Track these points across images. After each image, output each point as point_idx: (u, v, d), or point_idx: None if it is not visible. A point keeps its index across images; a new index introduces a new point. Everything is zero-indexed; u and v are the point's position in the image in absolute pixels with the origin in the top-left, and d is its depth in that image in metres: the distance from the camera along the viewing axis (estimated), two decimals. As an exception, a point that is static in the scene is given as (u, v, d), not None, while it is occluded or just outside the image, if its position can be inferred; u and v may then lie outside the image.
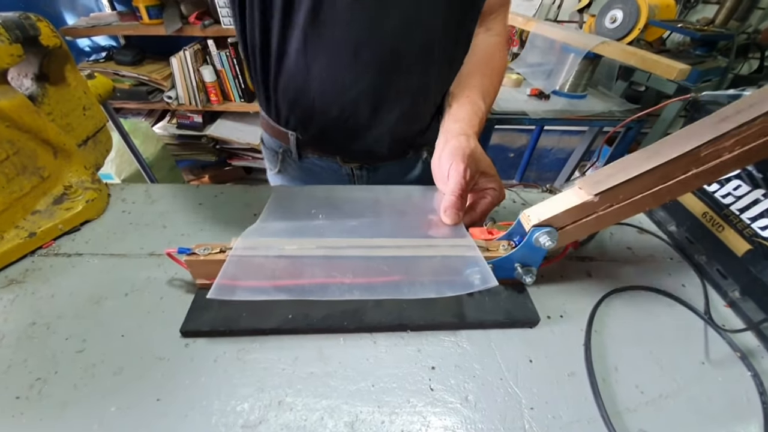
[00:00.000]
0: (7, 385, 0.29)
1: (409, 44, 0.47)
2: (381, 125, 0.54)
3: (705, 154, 0.29)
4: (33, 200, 0.43)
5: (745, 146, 0.28)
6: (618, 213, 0.33)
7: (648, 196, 0.31)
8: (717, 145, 0.28)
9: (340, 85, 0.49)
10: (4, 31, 0.38)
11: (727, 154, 0.29)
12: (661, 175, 0.30)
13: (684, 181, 0.30)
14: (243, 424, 0.27)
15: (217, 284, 0.30)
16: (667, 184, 0.31)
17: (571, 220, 0.33)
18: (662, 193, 0.31)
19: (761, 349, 0.35)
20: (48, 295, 0.36)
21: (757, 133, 0.28)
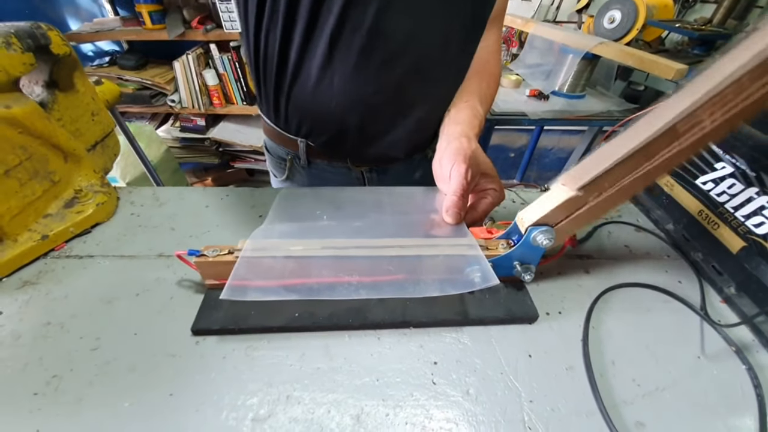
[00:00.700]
0: (25, 382, 0.30)
1: (432, 54, 0.48)
2: (398, 131, 0.55)
3: (684, 129, 0.28)
4: (45, 204, 0.44)
5: (726, 112, 0.26)
6: (609, 200, 0.32)
7: (636, 179, 0.31)
8: (694, 118, 0.27)
9: (363, 92, 0.49)
10: (17, 41, 0.39)
11: (708, 124, 0.27)
12: (643, 156, 0.29)
13: (669, 158, 0.29)
14: (253, 417, 0.28)
15: (230, 285, 0.31)
16: (651, 163, 0.30)
17: (563, 216, 0.34)
18: (650, 173, 0.30)
19: (756, 343, 0.36)
20: (61, 295, 0.37)
21: (733, 97, 0.26)
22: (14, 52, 0.38)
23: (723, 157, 0.42)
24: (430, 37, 0.47)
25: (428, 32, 0.46)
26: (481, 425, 0.29)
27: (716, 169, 0.42)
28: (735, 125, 0.27)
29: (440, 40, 0.48)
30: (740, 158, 0.39)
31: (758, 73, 0.24)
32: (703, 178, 0.44)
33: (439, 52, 0.49)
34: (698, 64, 1.12)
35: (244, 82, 1.69)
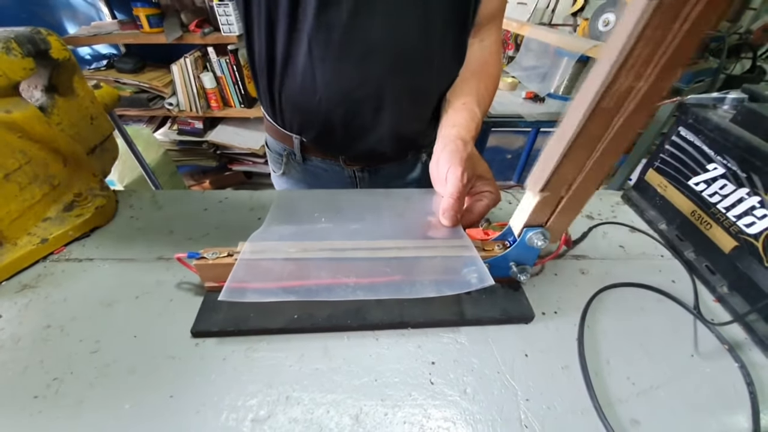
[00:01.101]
0: (25, 385, 0.30)
1: (410, 48, 0.49)
2: (383, 125, 0.55)
3: (618, 98, 0.26)
4: (44, 208, 0.44)
5: (655, 65, 0.24)
6: (584, 188, 0.31)
7: (599, 160, 0.29)
8: (622, 84, 0.25)
9: (345, 87, 0.51)
10: (17, 46, 0.39)
11: (644, 84, 0.25)
12: (590, 139, 0.28)
13: (620, 131, 0.27)
14: (253, 418, 0.29)
15: (228, 287, 0.31)
16: (603, 143, 0.28)
17: (546, 216, 0.34)
18: (609, 150, 0.28)
19: (748, 341, 0.37)
20: (61, 299, 0.37)
21: (651, 48, 0.23)
22: (14, 57, 0.39)
23: (715, 159, 0.42)
24: (407, 32, 0.48)
25: (404, 27, 0.47)
26: (479, 424, 0.29)
27: (708, 171, 0.43)
28: (673, 73, 0.24)
29: (418, 35, 0.48)
30: (731, 159, 0.40)
31: (666, 15, 0.22)
32: (695, 179, 0.45)
33: (417, 46, 0.49)
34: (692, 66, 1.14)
35: (242, 85, 1.70)
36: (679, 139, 0.47)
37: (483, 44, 0.56)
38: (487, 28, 0.55)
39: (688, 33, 0.22)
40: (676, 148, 0.48)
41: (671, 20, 0.22)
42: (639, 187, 0.55)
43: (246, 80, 1.68)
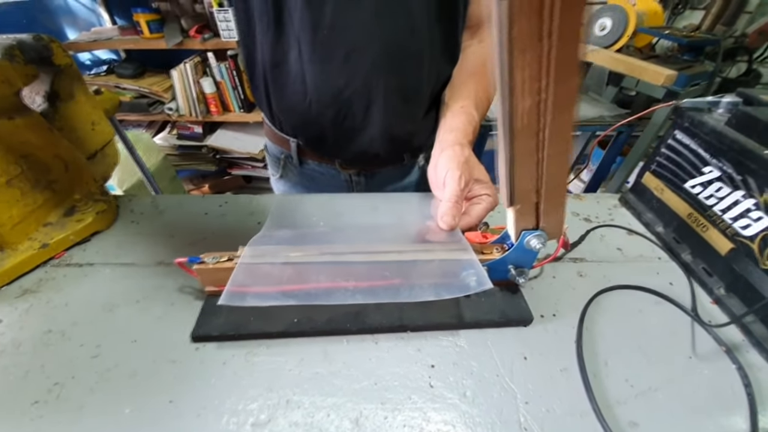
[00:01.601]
0: (26, 389, 0.30)
1: (395, 45, 0.49)
2: (374, 125, 0.56)
3: (527, 119, 0.26)
4: (45, 212, 0.44)
5: (546, 79, 0.24)
6: (552, 189, 0.31)
7: (549, 165, 0.29)
8: (520, 109, 0.25)
9: (334, 88, 0.51)
10: (19, 53, 0.40)
11: (547, 95, 0.24)
12: (526, 153, 0.28)
13: (553, 135, 0.27)
14: (253, 422, 0.29)
15: (228, 291, 0.31)
16: (542, 150, 0.28)
17: (533, 221, 0.34)
18: (554, 153, 0.28)
19: (745, 343, 0.37)
20: (62, 303, 0.38)
21: (535, 73, 0.23)
22: (17, 64, 0.39)
23: (710, 162, 0.43)
24: (392, 30, 0.48)
25: (389, 25, 0.47)
26: (478, 427, 0.29)
27: (704, 173, 0.43)
28: (572, 73, 0.24)
29: (403, 33, 0.49)
30: (727, 162, 0.41)
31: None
32: (691, 182, 0.45)
33: (404, 45, 0.49)
34: (687, 70, 1.15)
35: (242, 90, 1.70)
36: (675, 143, 0.48)
37: (482, 45, 0.56)
38: (485, 28, 0.56)
39: (562, 40, 0.22)
40: (673, 152, 0.48)
41: (535, 42, 0.22)
42: (636, 190, 0.55)
43: (245, 85, 1.69)
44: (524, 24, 0.22)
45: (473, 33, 0.56)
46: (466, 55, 0.57)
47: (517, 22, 0.22)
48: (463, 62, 0.56)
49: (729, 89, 0.52)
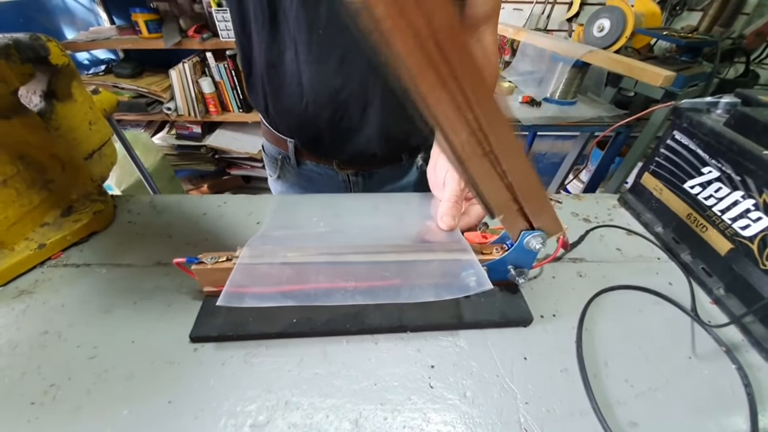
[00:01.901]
0: (22, 391, 0.30)
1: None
2: (370, 126, 0.56)
3: (469, 148, 0.27)
4: (42, 213, 0.44)
5: (472, 117, 0.24)
6: (528, 192, 0.31)
7: (511, 175, 0.29)
8: (458, 143, 0.26)
9: (331, 88, 0.51)
10: (16, 52, 0.39)
11: (477, 121, 0.25)
12: (484, 172, 0.29)
13: (501, 151, 0.27)
14: (252, 424, 0.29)
15: (226, 292, 0.31)
16: (498, 165, 0.28)
17: (525, 224, 0.34)
18: (512, 167, 0.29)
19: (745, 343, 0.37)
20: (58, 304, 0.37)
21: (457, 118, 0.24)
22: (14, 63, 0.39)
23: (709, 162, 0.43)
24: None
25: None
26: (478, 428, 0.29)
27: (703, 174, 0.43)
28: (486, 98, 0.24)
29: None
30: (726, 163, 0.41)
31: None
32: (690, 183, 0.45)
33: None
34: (686, 71, 1.15)
35: (240, 90, 1.70)
36: (674, 143, 0.48)
37: (479, 45, 0.57)
38: (482, 29, 0.56)
39: (464, 79, 0.23)
40: (671, 152, 0.48)
41: (441, 89, 0.23)
42: (635, 191, 0.56)
43: (244, 85, 1.68)
44: (426, 79, 0.23)
45: (471, 33, 0.56)
46: None
47: (419, 80, 0.23)
48: None
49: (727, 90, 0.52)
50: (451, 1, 0.20)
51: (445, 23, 0.20)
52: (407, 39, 0.21)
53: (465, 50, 0.22)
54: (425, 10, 0.20)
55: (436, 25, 0.20)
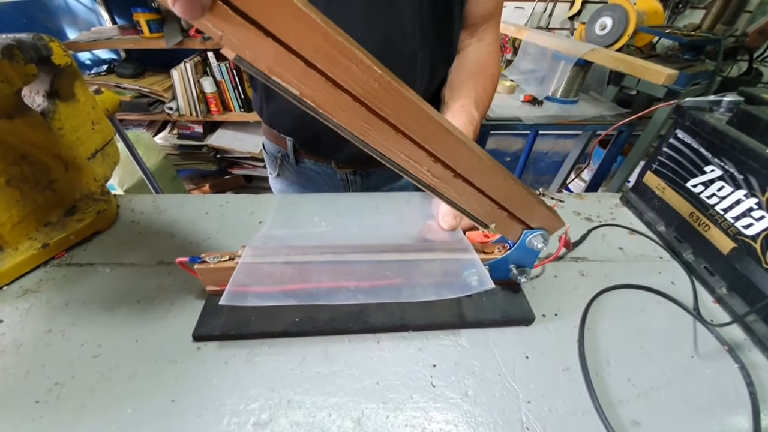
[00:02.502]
0: (27, 390, 0.30)
1: (391, 52, 0.49)
2: None
3: (440, 173, 0.28)
4: (45, 212, 0.44)
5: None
6: (512, 197, 0.31)
7: (487, 189, 0.30)
8: (426, 171, 0.27)
9: None
10: (19, 52, 0.39)
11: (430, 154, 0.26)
12: (461, 190, 0.29)
13: (470, 174, 0.28)
14: (254, 422, 0.29)
15: (229, 291, 0.31)
16: (472, 183, 0.29)
17: (520, 226, 0.34)
18: (485, 182, 0.29)
19: (748, 342, 0.37)
20: (62, 303, 0.38)
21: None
22: (17, 64, 0.39)
23: (712, 161, 0.43)
24: (383, 30, 0.48)
25: (380, 25, 0.47)
26: (480, 426, 0.29)
27: (706, 173, 0.43)
28: (429, 127, 0.25)
29: (393, 33, 0.48)
30: (729, 162, 0.41)
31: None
32: (693, 181, 0.45)
33: (395, 45, 0.49)
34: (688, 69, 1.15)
35: (242, 90, 1.70)
36: (676, 142, 0.48)
37: (481, 44, 0.56)
38: (483, 27, 0.56)
39: (397, 118, 0.24)
40: (674, 151, 0.48)
41: (391, 133, 0.24)
42: (637, 189, 0.55)
43: (245, 85, 1.69)
44: (371, 135, 0.24)
45: (472, 32, 0.56)
46: (465, 54, 0.56)
47: (364, 138, 0.25)
48: (463, 61, 0.56)
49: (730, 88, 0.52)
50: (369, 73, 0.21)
51: (370, 89, 0.22)
52: (343, 113, 0.23)
53: (400, 101, 0.23)
54: (351, 87, 0.22)
55: (362, 94, 0.22)
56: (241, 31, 0.18)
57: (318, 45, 0.19)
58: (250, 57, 0.20)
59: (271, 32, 0.18)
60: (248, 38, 0.18)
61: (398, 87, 0.22)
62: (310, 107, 0.22)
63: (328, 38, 0.19)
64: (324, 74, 0.20)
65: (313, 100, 0.22)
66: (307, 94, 0.21)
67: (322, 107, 0.22)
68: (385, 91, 0.22)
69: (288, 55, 0.19)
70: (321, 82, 0.21)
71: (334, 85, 0.21)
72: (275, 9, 0.17)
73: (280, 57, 0.19)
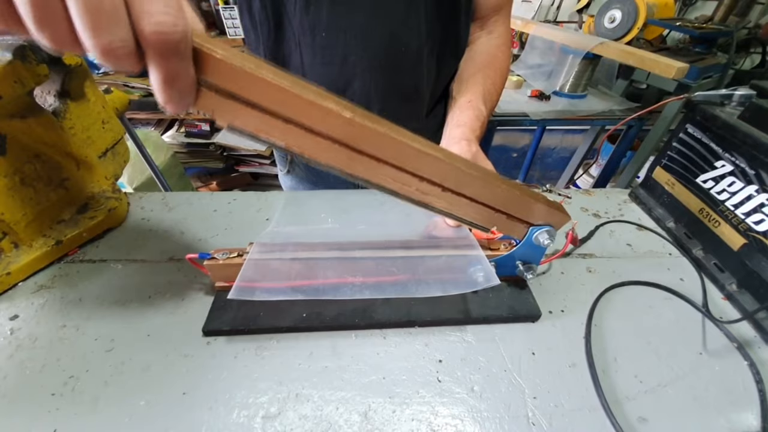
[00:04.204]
0: (43, 383, 0.31)
1: (397, 49, 0.49)
2: None
3: (425, 189, 0.29)
4: (58, 210, 0.45)
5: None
6: (505, 200, 0.31)
7: (477, 193, 0.30)
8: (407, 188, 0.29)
9: (334, 90, 0.51)
10: (31, 53, 0.40)
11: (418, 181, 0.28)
12: (453, 200, 0.30)
13: (455, 179, 0.29)
14: (264, 415, 0.29)
15: (237, 286, 0.32)
16: (460, 195, 0.30)
17: (523, 225, 0.34)
18: (478, 192, 0.30)
19: (758, 339, 0.36)
20: (76, 299, 0.38)
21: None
22: (29, 64, 0.40)
23: (723, 156, 0.42)
24: (386, 29, 0.48)
25: (386, 24, 0.47)
26: (486, 421, 0.29)
27: (716, 168, 0.43)
28: (405, 154, 0.27)
29: (399, 31, 0.48)
30: (740, 157, 0.40)
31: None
32: (703, 177, 0.44)
33: (399, 43, 0.49)
34: (700, 62, 1.12)
35: (248, 87, 1.71)
36: (686, 137, 0.47)
37: (490, 36, 0.56)
38: (494, 20, 0.55)
39: (366, 149, 0.26)
40: (684, 146, 0.47)
41: (372, 163, 0.26)
42: (646, 185, 0.55)
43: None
44: (360, 165, 0.26)
45: (482, 24, 0.55)
46: (474, 47, 0.56)
47: (349, 171, 0.26)
48: (472, 54, 0.56)
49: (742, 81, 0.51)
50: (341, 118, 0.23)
51: (345, 131, 0.24)
52: (326, 154, 0.25)
53: (375, 136, 0.25)
54: (329, 133, 0.24)
55: (340, 136, 0.24)
56: (228, 107, 0.22)
57: (292, 105, 0.22)
58: (240, 124, 0.23)
59: (251, 102, 0.22)
60: (234, 111, 0.22)
61: (371, 124, 0.24)
62: (297, 154, 0.25)
63: (299, 98, 0.22)
64: (303, 126, 0.23)
65: (297, 149, 0.25)
66: (291, 145, 0.24)
67: (306, 153, 0.25)
68: (359, 131, 0.24)
69: (269, 117, 0.23)
70: (301, 134, 0.24)
71: (313, 134, 0.24)
72: (251, 85, 0.21)
73: (263, 120, 0.23)
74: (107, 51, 0.17)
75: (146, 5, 0.17)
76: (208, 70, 0.20)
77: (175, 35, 0.17)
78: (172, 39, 0.17)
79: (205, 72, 0.20)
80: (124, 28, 0.17)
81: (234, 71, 0.20)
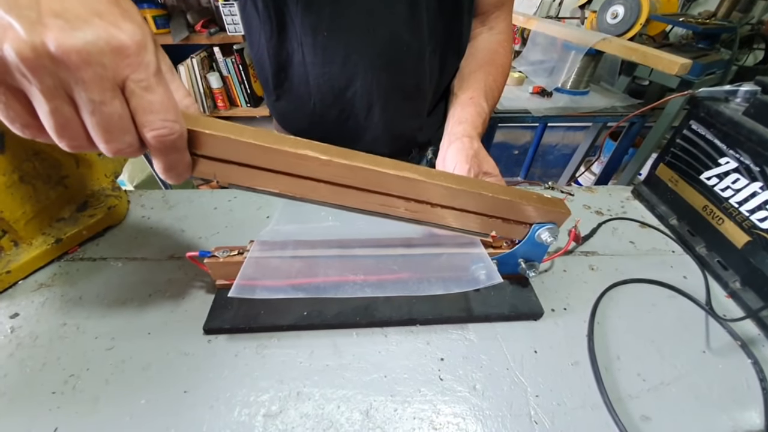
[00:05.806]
0: (43, 381, 0.31)
1: (399, 48, 0.49)
2: (377, 125, 0.55)
3: (414, 207, 0.31)
4: (58, 208, 0.45)
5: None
6: (498, 207, 0.32)
7: (472, 207, 0.32)
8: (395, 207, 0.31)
9: (336, 89, 0.51)
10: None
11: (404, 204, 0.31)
12: (442, 215, 0.32)
13: (440, 195, 0.30)
14: (265, 413, 0.29)
15: (238, 284, 0.32)
16: (452, 207, 0.31)
17: (522, 226, 0.34)
18: (476, 203, 0.31)
19: (761, 337, 0.36)
20: (76, 297, 0.38)
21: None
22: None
23: (727, 153, 0.42)
24: (387, 28, 0.47)
25: (384, 23, 0.47)
26: (488, 420, 0.29)
27: (720, 165, 0.42)
28: (367, 178, 0.29)
29: (400, 30, 0.48)
30: (744, 153, 0.40)
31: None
32: (707, 174, 0.44)
33: (400, 42, 0.49)
34: (703, 58, 1.12)
35: (248, 85, 1.71)
36: (690, 133, 0.47)
37: (492, 32, 0.55)
38: (495, 15, 0.55)
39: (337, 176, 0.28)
40: (688, 142, 0.47)
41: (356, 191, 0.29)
42: (649, 182, 0.54)
43: (252, 80, 1.69)
44: (348, 197, 0.29)
45: (483, 20, 0.55)
46: (476, 43, 0.55)
47: (342, 200, 0.30)
48: (473, 51, 0.55)
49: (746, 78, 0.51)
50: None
51: (327, 172, 0.27)
52: (314, 193, 0.29)
53: (355, 171, 0.28)
54: (313, 175, 0.28)
55: (323, 176, 0.28)
56: (224, 170, 0.26)
57: (274, 158, 0.26)
58: (236, 181, 0.28)
59: (241, 162, 0.26)
60: (230, 172, 0.27)
61: (347, 161, 0.27)
62: (289, 197, 0.29)
63: (278, 152, 0.26)
64: (289, 174, 0.27)
65: (289, 192, 0.29)
66: (282, 190, 0.28)
67: (297, 194, 0.29)
68: (337, 169, 0.27)
69: (259, 172, 0.27)
70: (290, 180, 0.28)
71: (300, 178, 0.28)
72: (238, 149, 0.25)
73: (255, 175, 0.27)
74: (117, 152, 0.21)
75: (148, 116, 0.20)
76: (201, 146, 0.24)
77: (172, 137, 0.21)
78: (169, 140, 0.21)
79: (200, 147, 0.24)
80: (131, 136, 0.20)
81: (222, 141, 0.24)
